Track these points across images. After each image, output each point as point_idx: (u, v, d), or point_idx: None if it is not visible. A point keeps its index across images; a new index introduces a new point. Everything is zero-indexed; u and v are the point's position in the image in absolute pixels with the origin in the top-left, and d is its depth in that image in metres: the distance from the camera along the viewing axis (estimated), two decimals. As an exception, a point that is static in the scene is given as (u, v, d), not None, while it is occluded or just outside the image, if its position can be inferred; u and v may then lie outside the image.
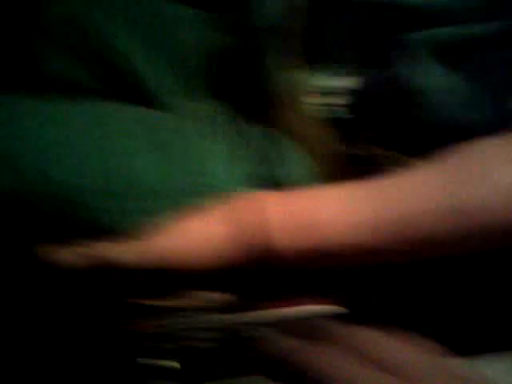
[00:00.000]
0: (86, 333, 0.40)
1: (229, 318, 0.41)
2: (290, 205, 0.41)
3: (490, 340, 0.45)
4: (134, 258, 0.38)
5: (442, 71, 0.47)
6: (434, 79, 0.47)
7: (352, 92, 0.51)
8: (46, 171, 0.38)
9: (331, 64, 0.50)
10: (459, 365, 0.31)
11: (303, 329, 0.36)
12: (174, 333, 0.40)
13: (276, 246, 0.40)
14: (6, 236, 0.40)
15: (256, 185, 0.44)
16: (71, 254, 0.39)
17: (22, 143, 0.39)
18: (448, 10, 0.46)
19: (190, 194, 0.42)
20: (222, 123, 0.46)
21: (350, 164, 0.49)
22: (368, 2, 0.49)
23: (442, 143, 0.43)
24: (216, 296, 0.42)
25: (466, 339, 0.44)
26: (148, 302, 0.41)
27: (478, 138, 0.42)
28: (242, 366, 0.39)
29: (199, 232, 0.39)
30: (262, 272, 0.42)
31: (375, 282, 0.47)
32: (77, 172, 0.40)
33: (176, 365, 0.38)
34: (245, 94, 0.48)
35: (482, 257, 0.44)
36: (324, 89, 0.51)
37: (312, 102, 0.50)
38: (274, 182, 0.46)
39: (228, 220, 0.40)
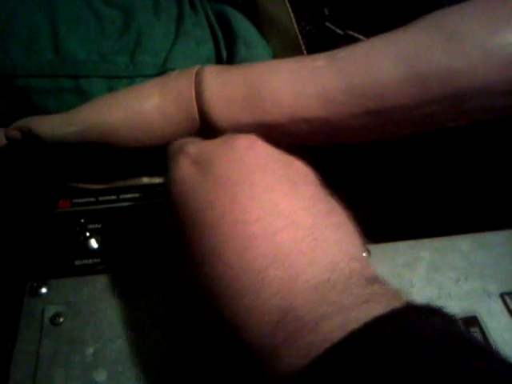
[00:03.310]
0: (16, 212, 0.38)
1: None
2: (229, 77, 0.37)
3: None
4: (59, 128, 0.36)
5: None
6: None
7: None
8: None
9: None
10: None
11: None
12: (101, 212, 0.37)
13: (213, 119, 0.35)
14: None
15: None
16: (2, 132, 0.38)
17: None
18: None
19: (126, 70, 0.39)
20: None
21: (312, 45, 0.43)
22: None
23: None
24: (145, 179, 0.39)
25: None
26: (80, 185, 0.39)
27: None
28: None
29: (133, 104, 0.36)
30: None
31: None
32: (3, 48, 0.38)
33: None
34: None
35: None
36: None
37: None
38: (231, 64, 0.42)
39: (162, 92, 0.36)
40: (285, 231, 0.25)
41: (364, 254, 0.27)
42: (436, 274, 0.33)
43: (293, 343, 0.21)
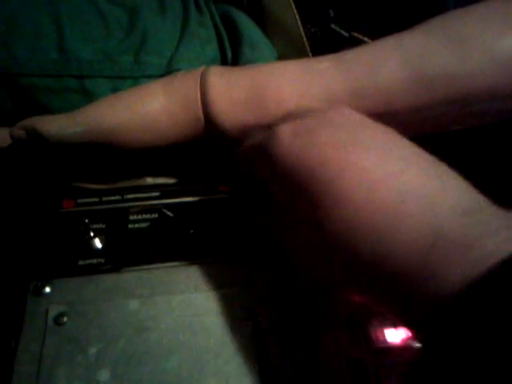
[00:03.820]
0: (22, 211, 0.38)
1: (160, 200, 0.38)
2: (234, 78, 0.37)
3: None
4: (64, 128, 0.36)
5: None
6: None
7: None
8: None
9: None
10: None
11: None
12: (105, 213, 0.37)
13: (218, 120, 0.36)
14: None
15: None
16: (7, 131, 0.38)
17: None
18: None
19: (131, 70, 0.39)
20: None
21: (317, 47, 0.43)
22: None
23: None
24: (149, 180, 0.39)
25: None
26: (84, 185, 0.39)
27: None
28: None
29: (138, 105, 0.36)
30: (205, 149, 0.38)
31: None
32: (8, 47, 0.38)
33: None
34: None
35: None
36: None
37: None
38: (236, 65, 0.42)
39: (167, 93, 0.36)
40: (409, 171, 0.25)
41: None
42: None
43: (455, 261, 0.21)
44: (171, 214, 0.37)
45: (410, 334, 0.31)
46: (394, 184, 0.24)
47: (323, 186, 0.26)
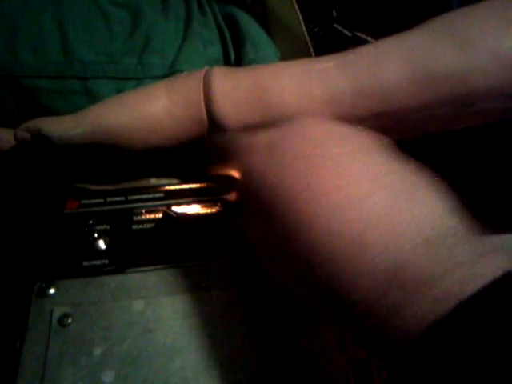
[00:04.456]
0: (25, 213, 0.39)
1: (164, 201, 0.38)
2: (237, 79, 0.37)
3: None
4: (68, 129, 0.36)
5: None
6: None
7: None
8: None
9: None
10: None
11: None
12: (109, 214, 0.37)
13: (221, 121, 0.35)
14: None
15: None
16: (11, 133, 0.38)
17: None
18: None
19: (134, 71, 0.39)
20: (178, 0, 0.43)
21: (320, 47, 0.43)
22: None
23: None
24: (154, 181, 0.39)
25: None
26: (88, 186, 0.39)
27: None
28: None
29: (141, 106, 0.36)
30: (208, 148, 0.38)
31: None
32: (12, 49, 0.38)
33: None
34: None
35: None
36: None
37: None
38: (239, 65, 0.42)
39: (171, 93, 0.36)
40: (376, 193, 0.24)
41: None
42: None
43: (413, 301, 0.21)
44: (175, 215, 0.37)
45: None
46: (357, 211, 0.24)
47: (285, 206, 0.26)
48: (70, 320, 0.31)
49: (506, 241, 0.22)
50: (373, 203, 0.24)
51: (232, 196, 0.37)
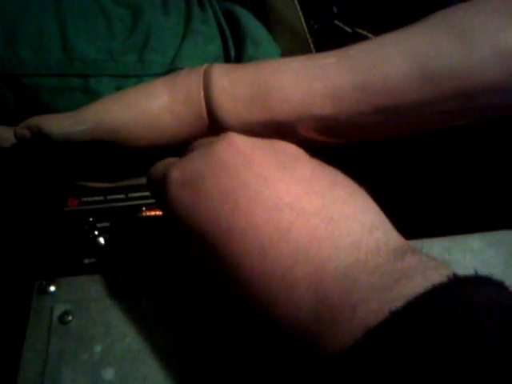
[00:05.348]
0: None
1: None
2: (238, 76, 0.36)
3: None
4: (68, 127, 0.36)
5: None
6: None
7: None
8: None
9: None
10: None
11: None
12: (109, 211, 0.37)
13: (221, 118, 0.35)
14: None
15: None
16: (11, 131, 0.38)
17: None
18: None
19: (134, 69, 0.39)
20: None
21: (321, 44, 0.43)
22: None
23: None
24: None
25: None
26: (89, 184, 0.39)
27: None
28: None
29: (142, 103, 0.36)
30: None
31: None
32: (12, 46, 0.39)
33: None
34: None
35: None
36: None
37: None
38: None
39: (171, 91, 0.36)
40: (297, 223, 0.24)
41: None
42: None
43: (331, 334, 0.21)
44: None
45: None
46: (284, 245, 0.23)
47: (213, 246, 0.25)
48: (70, 317, 0.31)
49: (423, 259, 0.22)
50: (297, 234, 0.23)
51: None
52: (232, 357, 0.30)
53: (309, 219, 0.24)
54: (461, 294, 0.19)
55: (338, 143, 0.38)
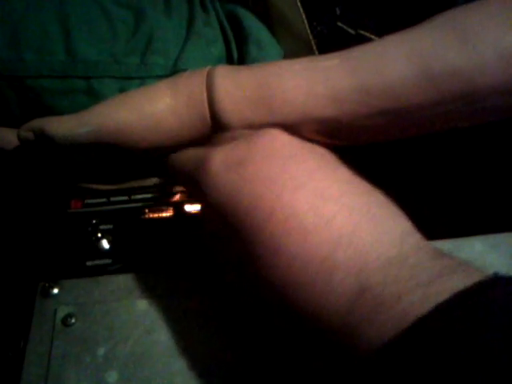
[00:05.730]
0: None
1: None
2: (240, 78, 0.36)
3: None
4: (71, 129, 0.36)
5: None
6: None
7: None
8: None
9: None
10: None
11: None
12: (113, 213, 0.37)
13: (224, 120, 0.35)
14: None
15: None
16: (14, 133, 0.38)
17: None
18: None
19: (137, 71, 0.39)
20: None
21: (324, 45, 0.43)
22: None
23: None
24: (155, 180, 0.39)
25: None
26: (92, 186, 0.39)
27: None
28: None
29: (145, 105, 0.36)
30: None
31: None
32: (15, 49, 0.39)
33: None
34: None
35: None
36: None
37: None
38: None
39: (174, 93, 0.36)
40: (340, 215, 0.24)
41: None
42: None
43: (373, 320, 0.21)
44: (179, 214, 0.37)
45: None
46: (326, 232, 0.24)
47: (254, 230, 0.25)
48: (73, 320, 0.31)
49: (460, 261, 0.23)
50: (339, 224, 0.24)
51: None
52: (236, 359, 0.30)
53: (351, 213, 0.25)
54: (502, 291, 0.20)
55: (341, 145, 0.38)
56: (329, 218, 0.24)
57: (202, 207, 0.30)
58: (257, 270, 0.25)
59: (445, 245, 0.34)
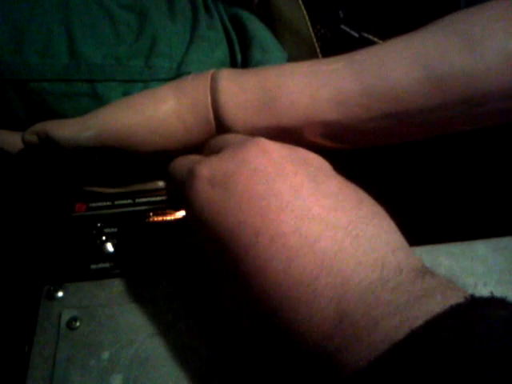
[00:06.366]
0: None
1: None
2: (244, 81, 0.37)
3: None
4: (75, 132, 0.36)
5: None
6: None
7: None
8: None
9: None
10: None
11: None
12: (117, 216, 0.37)
13: (228, 123, 0.35)
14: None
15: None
16: (19, 136, 0.38)
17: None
18: None
19: (141, 74, 0.39)
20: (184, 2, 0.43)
21: (327, 48, 0.43)
22: None
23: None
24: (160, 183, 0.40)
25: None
26: (96, 189, 0.39)
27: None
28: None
29: (149, 108, 0.36)
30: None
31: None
32: (19, 52, 0.39)
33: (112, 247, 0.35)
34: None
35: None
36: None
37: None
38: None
39: (178, 96, 0.36)
40: (324, 236, 0.24)
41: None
42: (453, 279, 0.33)
43: (352, 347, 0.21)
44: (183, 217, 0.37)
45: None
46: (309, 256, 0.23)
47: (240, 250, 0.25)
48: (78, 323, 0.31)
49: (442, 281, 0.23)
50: (323, 246, 0.23)
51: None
52: (241, 363, 0.30)
53: (336, 233, 0.24)
54: (477, 314, 0.19)
55: (344, 148, 0.38)
56: (313, 240, 0.24)
57: (188, 219, 0.29)
58: (243, 289, 0.25)
59: (449, 249, 0.34)
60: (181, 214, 0.37)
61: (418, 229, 0.38)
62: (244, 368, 0.29)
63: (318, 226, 0.24)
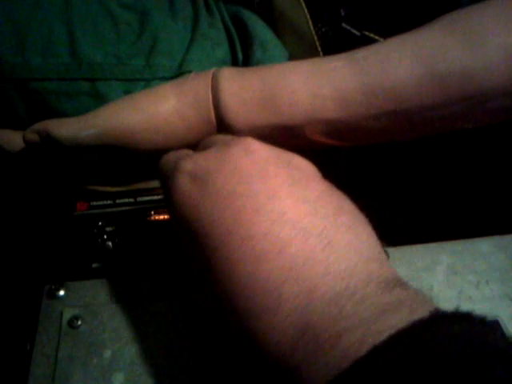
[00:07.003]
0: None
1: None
2: (246, 79, 0.36)
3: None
4: (76, 131, 0.36)
5: None
6: None
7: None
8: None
9: None
10: None
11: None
12: (118, 215, 0.37)
13: (230, 122, 0.35)
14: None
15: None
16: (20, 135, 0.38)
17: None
18: None
19: (142, 73, 0.39)
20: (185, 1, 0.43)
21: (328, 47, 0.43)
22: None
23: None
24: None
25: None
26: (98, 188, 0.39)
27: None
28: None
29: (150, 106, 0.36)
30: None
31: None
32: (20, 52, 0.39)
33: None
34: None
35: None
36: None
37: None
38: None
39: (179, 95, 0.36)
40: (295, 241, 0.23)
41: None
42: (456, 277, 0.33)
43: (313, 362, 0.20)
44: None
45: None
46: (278, 261, 0.23)
47: (211, 248, 0.24)
48: (79, 322, 0.31)
49: (411, 294, 0.22)
50: (293, 251, 0.23)
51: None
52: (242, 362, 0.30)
53: (307, 239, 0.23)
54: (439, 330, 0.19)
55: (346, 146, 0.38)
56: (283, 244, 0.23)
57: (169, 212, 0.29)
58: (213, 291, 0.25)
59: (453, 246, 0.34)
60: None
61: (420, 227, 0.38)
62: (243, 368, 0.29)
63: (290, 230, 0.24)
